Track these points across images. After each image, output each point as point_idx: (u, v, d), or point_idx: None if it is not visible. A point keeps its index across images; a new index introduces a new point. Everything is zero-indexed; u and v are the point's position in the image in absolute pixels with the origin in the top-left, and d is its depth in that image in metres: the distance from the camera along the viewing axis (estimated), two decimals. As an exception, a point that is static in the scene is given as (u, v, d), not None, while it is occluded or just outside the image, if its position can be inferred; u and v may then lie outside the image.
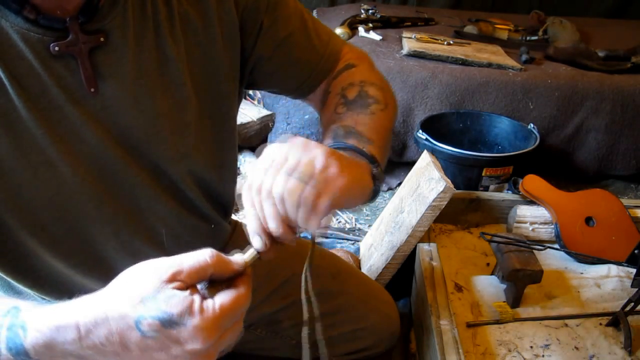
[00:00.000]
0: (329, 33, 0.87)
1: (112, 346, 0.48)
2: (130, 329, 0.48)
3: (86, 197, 0.67)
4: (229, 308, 0.50)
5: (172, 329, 0.48)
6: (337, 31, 2.28)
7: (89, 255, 0.71)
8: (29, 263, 0.69)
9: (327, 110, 0.80)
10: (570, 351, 1.03)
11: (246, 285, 0.52)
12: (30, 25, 0.58)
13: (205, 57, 0.72)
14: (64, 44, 0.60)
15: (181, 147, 0.72)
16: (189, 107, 0.72)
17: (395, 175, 2.08)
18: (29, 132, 0.61)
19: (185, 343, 0.48)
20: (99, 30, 0.62)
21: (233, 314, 0.50)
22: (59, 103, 0.61)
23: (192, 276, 0.49)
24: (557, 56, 2.20)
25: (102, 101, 0.64)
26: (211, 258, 0.51)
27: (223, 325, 0.49)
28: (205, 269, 0.50)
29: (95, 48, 0.62)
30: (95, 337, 0.48)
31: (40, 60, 0.59)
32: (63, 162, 0.63)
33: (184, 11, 0.69)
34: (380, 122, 0.76)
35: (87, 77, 0.62)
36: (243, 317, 0.53)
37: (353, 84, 0.81)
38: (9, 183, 0.62)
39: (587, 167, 2.09)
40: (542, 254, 1.23)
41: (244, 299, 0.51)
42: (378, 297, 1.09)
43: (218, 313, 0.49)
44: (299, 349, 1.03)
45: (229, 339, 0.52)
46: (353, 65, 0.86)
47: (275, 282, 0.98)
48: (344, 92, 0.80)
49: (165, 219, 0.75)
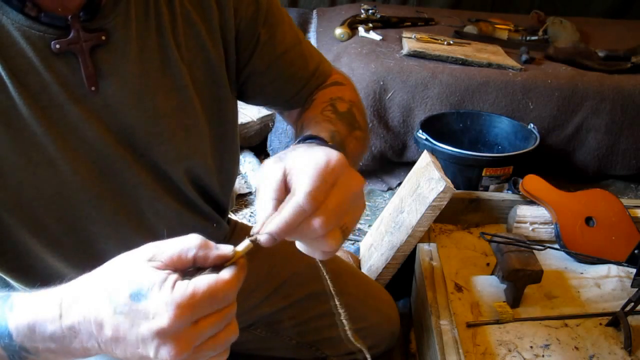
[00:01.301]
0: (320, 54, 0.89)
1: (87, 325, 0.47)
2: (104, 304, 0.47)
3: (87, 196, 0.67)
4: (205, 290, 0.46)
5: (139, 302, 0.46)
6: (337, 31, 2.28)
7: (89, 254, 0.71)
8: (29, 262, 0.69)
9: (312, 110, 0.79)
10: (570, 351, 1.03)
11: (233, 274, 0.48)
12: (32, 22, 0.58)
13: (207, 62, 0.72)
14: (65, 41, 0.59)
15: (182, 149, 0.72)
16: (191, 110, 0.72)
17: (395, 175, 2.08)
18: (29, 130, 0.60)
19: (153, 318, 0.45)
20: (101, 28, 0.62)
21: (210, 298, 0.46)
22: (59, 101, 0.61)
23: (173, 257, 0.48)
24: (557, 56, 2.19)
25: (103, 100, 0.64)
26: (195, 240, 0.49)
27: (196, 307, 0.46)
28: (187, 250, 0.48)
29: (97, 46, 0.62)
30: (74, 315, 0.48)
31: (41, 58, 0.59)
32: (63, 161, 0.63)
33: (186, 14, 0.69)
34: (359, 151, 0.76)
35: (88, 76, 0.62)
36: (233, 314, 0.49)
37: (343, 100, 0.81)
38: (9, 182, 0.62)
39: (587, 167, 2.09)
40: (542, 254, 1.23)
41: (224, 284, 0.47)
42: (378, 297, 1.09)
43: (190, 292, 0.45)
44: (299, 349, 1.04)
45: (211, 332, 0.47)
46: (341, 83, 0.87)
47: (275, 282, 0.98)
48: (334, 102, 0.79)
49: (166, 218, 0.75)
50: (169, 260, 0.48)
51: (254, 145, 2.18)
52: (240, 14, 0.74)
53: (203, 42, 0.71)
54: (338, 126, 0.72)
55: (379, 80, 1.97)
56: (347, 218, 0.53)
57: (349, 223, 0.54)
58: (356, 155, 0.74)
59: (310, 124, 0.72)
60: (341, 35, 2.27)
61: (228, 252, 0.49)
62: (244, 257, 0.51)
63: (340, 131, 0.71)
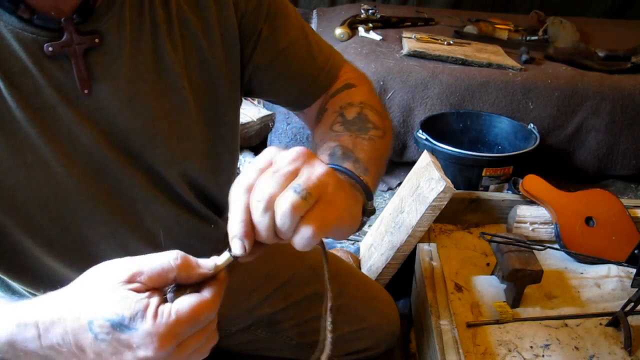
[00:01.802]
0: (330, 48, 0.86)
1: (68, 347, 0.48)
2: (84, 330, 0.46)
3: (82, 197, 0.66)
4: (188, 315, 0.46)
5: (122, 333, 0.45)
6: (337, 31, 2.28)
7: (85, 255, 0.71)
8: (25, 262, 0.69)
9: (322, 126, 0.78)
10: (570, 351, 1.03)
11: (213, 291, 0.48)
12: (25, 24, 0.58)
13: (204, 62, 0.72)
14: (59, 44, 0.59)
15: (177, 151, 0.71)
16: (187, 112, 0.71)
17: (395, 175, 2.08)
18: (23, 132, 0.60)
19: (137, 349, 0.45)
20: (94, 31, 0.61)
21: (193, 322, 0.46)
22: (52, 103, 0.61)
23: (152, 278, 0.47)
24: (557, 56, 2.19)
25: (96, 103, 0.63)
26: (175, 260, 0.48)
27: (180, 333, 0.46)
28: (167, 271, 0.47)
29: (90, 49, 0.62)
30: (52, 337, 0.48)
31: (34, 60, 0.59)
32: (58, 163, 0.63)
33: (182, 15, 0.68)
34: (377, 151, 0.73)
35: (80, 79, 0.61)
36: (214, 324, 0.49)
37: (352, 104, 0.79)
38: (4, 183, 0.62)
39: (587, 167, 2.09)
40: (542, 254, 1.23)
41: (206, 305, 0.47)
42: (378, 298, 1.09)
43: (173, 320, 0.45)
44: (299, 349, 1.04)
45: (195, 347, 0.48)
46: (353, 85, 0.84)
47: (275, 282, 0.98)
48: (343, 110, 0.78)
49: (162, 219, 0.74)
50: (149, 281, 0.47)
51: (254, 145, 2.18)
52: (241, 10, 0.73)
53: (199, 42, 0.70)
54: (342, 139, 0.71)
55: (379, 80, 1.97)
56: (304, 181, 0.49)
57: (304, 183, 0.49)
58: (375, 156, 0.71)
59: (320, 147, 0.71)
60: (341, 35, 2.27)
61: (209, 270, 0.49)
62: (224, 270, 0.51)
63: (343, 143, 0.69)
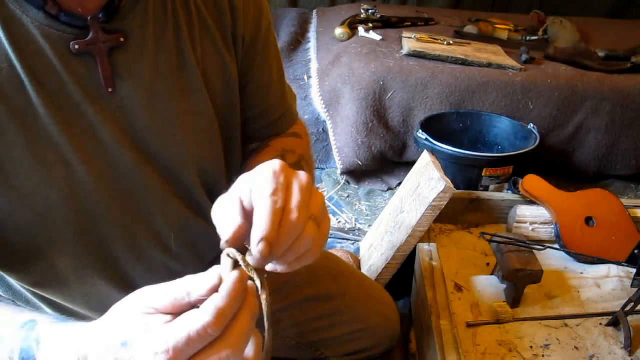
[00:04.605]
0: (294, 96, 0.92)
1: None
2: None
3: (99, 197, 0.66)
4: (186, 340, 0.43)
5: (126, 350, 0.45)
6: (337, 31, 2.28)
7: (99, 255, 0.71)
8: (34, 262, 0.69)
9: (262, 156, 0.80)
10: (570, 351, 1.03)
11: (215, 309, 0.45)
12: (52, 21, 0.58)
13: (222, 66, 0.73)
14: (84, 42, 0.59)
15: (194, 152, 0.72)
16: (204, 113, 0.72)
17: (395, 175, 2.08)
18: (46, 130, 0.60)
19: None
20: (119, 30, 0.62)
21: (197, 341, 0.44)
22: (76, 101, 0.61)
23: (167, 308, 0.46)
24: (557, 56, 2.20)
25: (118, 101, 0.64)
26: (187, 286, 0.46)
27: (184, 353, 0.44)
28: (181, 299, 0.46)
29: (115, 48, 0.62)
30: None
31: (59, 58, 0.59)
32: (78, 161, 0.63)
33: (202, 18, 0.70)
34: None
35: (105, 77, 0.62)
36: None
37: (294, 152, 0.83)
38: (24, 182, 0.61)
39: (587, 167, 2.09)
40: (542, 254, 1.23)
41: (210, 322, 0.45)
42: (378, 299, 1.09)
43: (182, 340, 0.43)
44: (298, 350, 1.04)
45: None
46: (299, 136, 0.89)
47: (275, 282, 0.98)
48: (285, 154, 0.81)
49: (175, 222, 0.74)
50: (163, 309, 0.47)
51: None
52: (247, 37, 0.76)
53: (218, 46, 0.72)
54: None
55: (379, 80, 1.97)
56: (313, 208, 0.54)
57: (316, 212, 0.53)
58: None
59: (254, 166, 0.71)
60: (341, 35, 2.27)
61: (215, 283, 0.47)
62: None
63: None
